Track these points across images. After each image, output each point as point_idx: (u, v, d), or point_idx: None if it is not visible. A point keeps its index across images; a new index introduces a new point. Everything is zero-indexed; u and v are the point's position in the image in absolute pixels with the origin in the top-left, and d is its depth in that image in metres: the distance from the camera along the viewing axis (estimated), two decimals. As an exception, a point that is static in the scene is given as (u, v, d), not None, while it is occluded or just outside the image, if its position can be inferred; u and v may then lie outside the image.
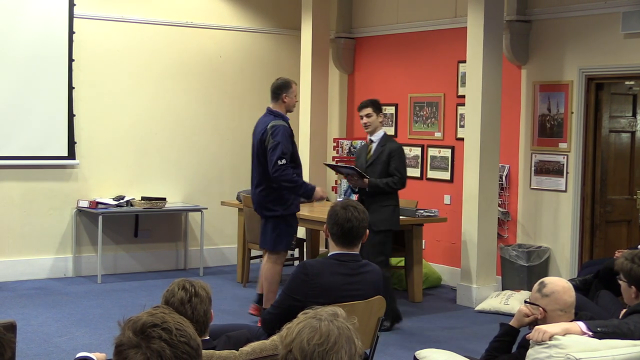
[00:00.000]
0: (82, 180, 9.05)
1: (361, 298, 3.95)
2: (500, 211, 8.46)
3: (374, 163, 6.97)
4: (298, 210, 6.93)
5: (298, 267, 3.96)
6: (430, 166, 9.33)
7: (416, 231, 8.19)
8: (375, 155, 6.98)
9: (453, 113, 9.08)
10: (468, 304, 8.03)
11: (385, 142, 7.02)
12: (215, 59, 9.92)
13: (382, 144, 7.01)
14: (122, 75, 9.27)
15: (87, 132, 9.03)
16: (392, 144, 7.04)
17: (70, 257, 9.00)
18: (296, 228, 7.04)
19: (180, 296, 3.20)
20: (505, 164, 8.55)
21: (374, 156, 6.98)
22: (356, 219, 3.90)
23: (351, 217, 3.90)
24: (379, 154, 6.98)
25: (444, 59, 9.17)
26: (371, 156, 6.99)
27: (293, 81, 7.05)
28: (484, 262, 8.09)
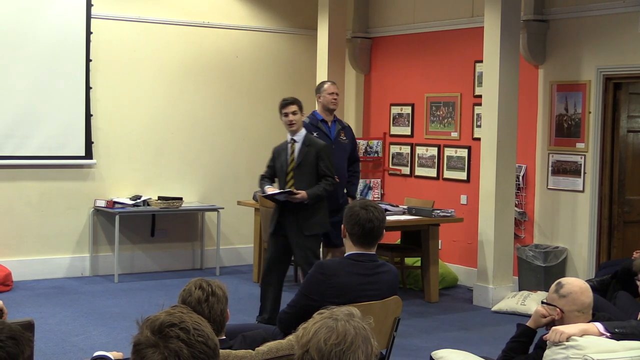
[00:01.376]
0: (99, 179, 9.09)
1: (377, 298, 3.95)
2: (517, 211, 8.43)
3: (301, 165, 6.59)
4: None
5: (315, 267, 3.96)
6: (446, 166, 9.31)
7: (432, 231, 8.18)
8: (301, 157, 6.60)
9: (470, 113, 9.06)
10: (484, 305, 8.01)
11: (309, 141, 6.67)
12: (231, 59, 9.93)
13: (306, 144, 6.65)
14: (139, 76, 9.30)
15: (104, 132, 9.07)
16: (317, 143, 6.70)
17: (87, 257, 9.04)
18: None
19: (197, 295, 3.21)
20: (522, 164, 8.52)
21: (299, 157, 6.62)
22: (377, 219, 3.90)
23: (372, 218, 3.89)
24: (305, 155, 6.60)
25: (460, 58, 9.14)
26: (295, 157, 6.63)
27: (326, 81, 7.30)
28: (501, 263, 8.07)
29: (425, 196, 9.21)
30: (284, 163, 6.67)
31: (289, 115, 6.60)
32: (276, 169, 6.75)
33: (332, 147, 7.13)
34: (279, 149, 6.78)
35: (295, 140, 6.68)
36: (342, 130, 7.39)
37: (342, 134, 7.37)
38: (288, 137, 6.71)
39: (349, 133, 7.48)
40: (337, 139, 7.32)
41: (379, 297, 3.96)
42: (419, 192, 9.50)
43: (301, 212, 6.54)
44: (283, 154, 6.71)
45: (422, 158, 9.60)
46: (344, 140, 7.35)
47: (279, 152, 6.76)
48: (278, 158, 6.73)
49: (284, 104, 6.65)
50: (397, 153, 9.94)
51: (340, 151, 7.29)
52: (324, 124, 7.33)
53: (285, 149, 6.71)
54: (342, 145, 7.33)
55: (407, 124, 9.81)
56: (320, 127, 7.32)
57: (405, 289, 8.63)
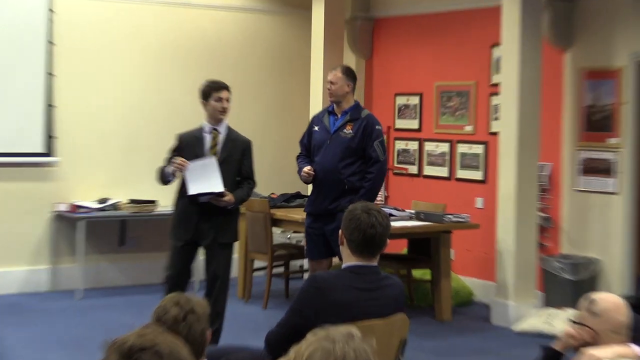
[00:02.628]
0: (60, 180, 9.07)
1: (381, 316, 3.94)
2: (541, 216, 8.44)
3: (226, 161, 6.47)
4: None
5: (308, 280, 3.95)
6: (459, 164, 9.31)
7: (444, 239, 8.17)
8: (225, 151, 6.51)
9: (486, 104, 9.07)
10: (504, 324, 8.01)
11: (234, 135, 6.61)
12: (215, 43, 9.92)
13: (231, 137, 6.58)
14: (109, 62, 9.29)
15: (67, 125, 9.04)
16: (243, 138, 6.64)
17: (46, 269, 9.02)
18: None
19: (174, 313, 3.20)
20: (546, 162, 8.53)
21: (223, 152, 6.52)
22: (380, 225, 3.88)
23: (375, 223, 3.87)
24: (230, 150, 6.53)
25: (475, 42, 9.15)
26: (219, 151, 6.51)
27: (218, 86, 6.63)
28: (523, 276, 8.06)
29: (435, 199, 9.21)
30: (197, 155, 6.42)
31: (223, 100, 6.48)
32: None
33: (327, 142, 7.10)
34: (188, 137, 6.53)
35: (219, 130, 6.55)
36: (351, 122, 7.09)
37: (348, 126, 7.10)
38: (206, 126, 6.54)
39: (362, 125, 7.08)
40: (337, 131, 7.15)
41: (383, 316, 3.94)
42: (428, 194, 9.50)
43: (220, 217, 6.48)
44: (197, 145, 6.48)
45: (432, 155, 9.60)
46: (347, 134, 7.07)
47: (190, 141, 6.50)
48: (188, 149, 6.47)
49: (219, 87, 6.50)
50: (403, 150, 9.93)
51: (334, 146, 7.09)
52: (330, 117, 7.21)
53: (200, 139, 6.50)
54: (340, 139, 7.08)
55: (414, 116, 9.82)
56: (324, 120, 7.22)
57: (413, 305, 8.63)
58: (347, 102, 7.15)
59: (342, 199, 7.06)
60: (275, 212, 8.44)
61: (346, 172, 7.06)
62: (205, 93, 6.51)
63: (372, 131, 7.09)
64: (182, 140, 6.54)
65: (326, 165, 7.07)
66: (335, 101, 7.16)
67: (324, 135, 7.15)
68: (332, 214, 7.06)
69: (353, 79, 7.17)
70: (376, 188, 7.14)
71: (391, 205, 8.99)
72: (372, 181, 7.05)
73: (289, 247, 8.90)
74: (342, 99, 7.11)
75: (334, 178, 7.04)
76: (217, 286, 6.53)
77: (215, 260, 6.49)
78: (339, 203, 7.05)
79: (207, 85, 6.55)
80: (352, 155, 7.06)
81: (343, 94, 7.10)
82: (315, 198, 7.17)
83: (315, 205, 7.16)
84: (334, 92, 7.12)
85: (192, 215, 6.43)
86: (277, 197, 9.00)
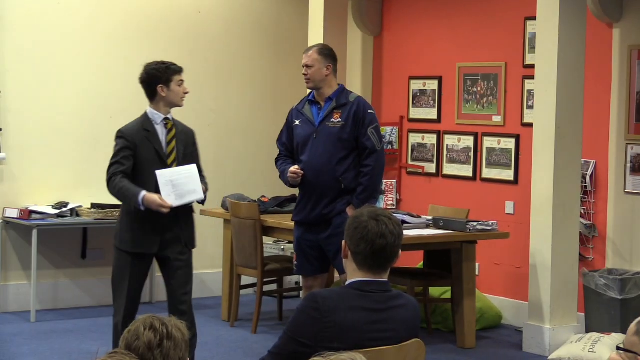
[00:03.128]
0: (9, 180, 9.08)
1: (392, 342, 3.94)
2: (583, 224, 8.46)
3: (187, 154, 6.60)
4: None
5: (306, 299, 3.94)
6: (486, 162, 9.33)
7: (467, 251, 8.19)
8: (182, 144, 6.59)
9: (518, 89, 9.08)
10: (539, 352, 8.03)
11: (180, 125, 6.67)
12: (192, 16, 9.94)
13: (180, 128, 6.65)
14: (64, 38, 9.29)
15: (15, 115, 9.06)
16: (188, 128, 6.71)
17: (-7, 286, 9.05)
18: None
19: (147, 339, 3.21)
20: (590, 159, 8.55)
21: (181, 146, 6.57)
22: (391, 234, 3.88)
23: (385, 232, 3.87)
24: (185, 141, 6.62)
25: (505, 15, 9.16)
26: (177, 145, 6.55)
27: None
28: (561, 294, 8.08)
29: (457, 203, 9.22)
30: (157, 152, 6.47)
31: (184, 84, 6.58)
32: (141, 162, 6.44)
33: (312, 136, 7.13)
34: (137, 132, 6.49)
35: (172, 119, 6.62)
36: (338, 110, 7.11)
37: (336, 114, 7.09)
38: (156, 116, 6.55)
39: (352, 110, 7.09)
40: (323, 122, 7.12)
41: (394, 341, 3.96)
42: (449, 197, 9.52)
43: (185, 221, 6.58)
44: (153, 140, 6.49)
45: (453, 151, 9.62)
46: (335, 123, 7.07)
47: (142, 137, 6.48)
48: (144, 146, 6.46)
49: (179, 69, 6.58)
50: (419, 144, 9.95)
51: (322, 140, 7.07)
52: (312, 107, 7.24)
53: (153, 133, 6.51)
54: (327, 130, 7.09)
55: (432, 104, 9.83)
56: (305, 112, 7.23)
57: (430, 329, 8.65)
58: (329, 87, 7.16)
59: (338, 201, 7.08)
60: (266, 219, 8.46)
61: (340, 169, 7.07)
62: (165, 77, 6.52)
63: (365, 116, 7.10)
64: (131, 137, 6.47)
65: (316, 163, 7.07)
66: (313, 87, 7.18)
67: (308, 129, 7.15)
68: (327, 220, 7.09)
69: (332, 59, 7.18)
70: (376, 183, 7.15)
71: (404, 211, 8.99)
72: (369, 176, 7.05)
73: (282, 261, 8.90)
74: (322, 84, 7.13)
75: (326, 178, 7.06)
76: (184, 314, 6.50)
77: (179, 272, 6.53)
78: (335, 206, 7.06)
79: (165, 67, 6.56)
80: (345, 149, 7.07)
81: (322, 78, 7.12)
82: (306, 204, 7.17)
83: (307, 212, 7.16)
84: (311, 76, 7.13)
85: (157, 223, 6.42)
86: (269, 201, 9.01)
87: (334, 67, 7.16)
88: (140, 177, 6.40)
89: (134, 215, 6.41)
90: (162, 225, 6.42)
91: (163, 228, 6.43)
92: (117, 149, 6.45)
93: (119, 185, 6.34)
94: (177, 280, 6.52)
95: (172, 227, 6.47)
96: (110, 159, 6.47)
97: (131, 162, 6.40)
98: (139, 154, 6.43)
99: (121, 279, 6.50)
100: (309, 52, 7.20)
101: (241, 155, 10.32)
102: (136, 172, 6.42)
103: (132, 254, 6.46)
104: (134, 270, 6.47)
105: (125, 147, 6.42)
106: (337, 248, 6.97)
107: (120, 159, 6.41)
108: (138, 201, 6.28)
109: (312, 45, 7.51)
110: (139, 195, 6.27)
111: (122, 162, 6.39)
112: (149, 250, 6.47)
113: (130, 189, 6.32)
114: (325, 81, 7.13)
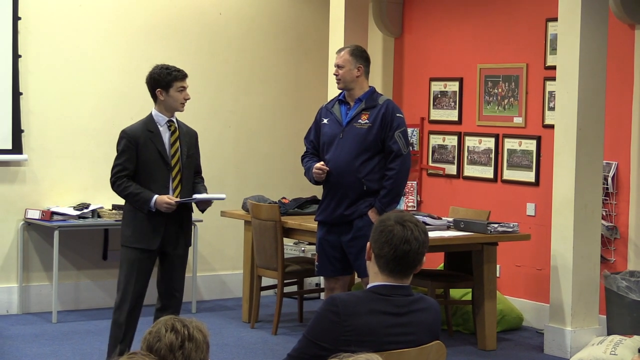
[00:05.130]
0: (31, 182, 9.11)
1: (413, 345, 3.94)
2: (604, 225, 8.43)
3: (190, 156, 6.81)
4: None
5: (325, 303, 3.93)
6: (507, 163, 9.31)
7: (488, 253, 8.18)
8: (186, 146, 6.77)
9: (540, 90, 9.06)
10: (560, 354, 8.01)
11: (184, 126, 6.84)
12: (213, 17, 9.95)
13: (184, 129, 6.82)
14: (86, 40, 9.31)
15: (37, 117, 9.09)
16: (192, 129, 6.91)
17: (15, 287, 9.06)
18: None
19: (168, 340, 3.22)
20: (611, 161, 8.52)
21: (184, 147, 6.74)
22: (416, 240, 3.87)
23: (410, 238, 3.86)
24: (188, 143, 6.80)
25: (526, 16, 9.14)
26: (180, 147, 6.72)
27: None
28: (582, 296, 8.06)
29: (477, 205, 9.21)
30: (160, 153, 6.65)
31: (185, 91, 6.70)
32: (144, 162, 6.64)
33: (339, 135, 7.16)
34: (141, 133, 6.65)
35: (176, 122, 6.79)
36: (367, 111, 7.14)
37: (364, 115, 7.13)
38: (160, 118, 6.71)
39: (380, 113, 7.10)
40: (351, 123, 7.16)
41: (415, 345, 3.95)
42: (470, 199, 9.50)
43: (186, 220, 6.79)
44: (157, 142, 6.66)
45: (474, 152, 9.61)
46: (362, 125, 7.10)
47: (146, 138, 6.64)
48: (147, 147, 6.63)
49: (183, 75, 6.69)
50: (440, 146, 9.95)
51: (348, 141, 7.12)
52: (342, 106, 7.27)
53: (157, 134, 6.68)
54: (354, 131, 7.12)
55: (453, 105, 9.82)
56: (334, 111, 7.27)
57: (451, 331, 8.64)
58: (360, 88, 7.18)
59: (360, 203, 7.09)
60: (287, 220, 8.46)
61: (364, 171, 7.08)
62: (165, 82, 6.64)
63: (393, 119, 7.11)
64: (134, 137, 6.64)
65: (339, 163, 7.09)
66: (344, 88, 7.20)
67: (335, 128, 7.17)
68: (349, 221, 7.10)
69: (364, 61, 7.19)
70: (400, 187, 7.16)
71: (425, 212, 8.99)
72: (393, 179, 7.06)
73: (302, 262, 8.90)
74: (353, 84, 7.15)
75: (349, 178, 7.08)
76: (177, 299, 6.80)
77: (178, 270, 6.77)
78: (357, 208, 7.07)
79: (166, 72, 6.67)
80: (370, 150, 7.09)
81: (352, 78, 7.14)
82: (328, 204, 7.20)
83: (329, 212, 7.19)
84: (341, 77, 7.16)
85: (160, 219, 6.61)
86: (289, 203, 9.02)
87: (366, 68, 7.18)
88: (142, 177, 6.63)
89: (136, 213, 6.64)
90: (163, 222, 6.61)
91: (164, 225, 6.63)
92: (120, 150, 6.67)
93: (128, 190, 6.60)
94: (177, 273, 6.75)
95: (173, 224, 6.67)
96: (114, 160, 6.70)
97: (134, 164, 6.62)
98: (141, 154, 6.63)
99: (126, 274, 6.69)
100: (341, 53, 7.22)
101: (262, 156, 10.32)
102: (139, 172, 6.63)
103: (136, 249, 6.63)
104: (140, 266, 6.66)
105: (127, 148, 6.63)
106: (358, 250, 7.00)
107: (123, 161, 6.63)
108: (150, 206, 6.53)
109: (344, 46, 7.52)
110: (151, 201, 6.53)
111: (125, 165, 6.62)
112: (151, 246, 6.63)
113: (141, 194, 6.56)
114: (356, 82, 7.15)
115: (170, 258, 6.72)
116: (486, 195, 9.41)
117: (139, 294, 6.69)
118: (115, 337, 6.69)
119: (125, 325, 6.68)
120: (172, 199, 6.53)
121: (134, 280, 6.64)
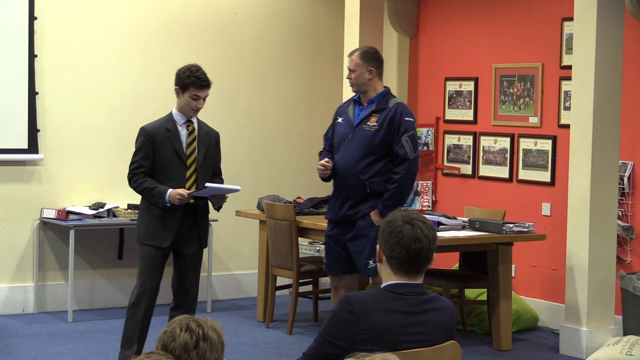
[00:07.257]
0: (47, 181, 9.13)
1: (427, 344, 3.94)
2: (620, 226, 8.41)
3: (208, 157, 6.87)
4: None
5: (340, 302, 3.94)
6: (522, 163, 9.30)
7: (503, 253, 8.16)
8: (203, 147, 6.83)
9: (555, 90, 9.05)
10: (576, 354, 8.00)
11: (205, 127, 6.90)
12: (228, 17, 9.96)
13: (204, 130, 6.87)
14: (101, 39, 9.33)
15: (54, 116, 9.11)
16: (214, 130, 6.97)
17: (31, 287, 9.09)
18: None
19: (183, 340, 3.22)
20: (627, 161, 8.50)
21: (202, 147, 6.81)
22: (426, 238, 3.88)
23: (420, 236, 3.87)
24: (206, 145, 6.86)
25: (542, 16, 9.12)
26: (197, 146, 6.79)
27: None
28: (598, 296, 8.04)
29: (493, 204, 9.20)
30: (176, 152, 6.73)
31: (200, 100, 6.74)
32: (161, 160, 6.72)
33: (348, 136, 7.17)
34: (159, 130, 6.73)
35: (193, 123, 6.85)
36: (377, 114, 7.13)
37: (373, 117, 7.13)
38: (179, 117, 6.77)
39: (388, 116, 7.10)
40: (360, 124, 7.16)
41: (430, 344, 3.95)
42: (485, 199, 9.49)
43: (202, 220, 6.85)
44: (174, 140, 6.73)
45: (489, 152, 9.60)
46: (370, 127, 7.10)
47: (164, 136, 6.72)
48: (164, 145, 6.71)
49: (202, 84, 6.72)
50: (455, 145, 9.93)
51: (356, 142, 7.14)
52: (356, 107, 7.28)
53: (175, 133, 6.75)
54: (362, 133, 7.13)
55: (468, 105, 9.81)
56: (348, 111, 7.29)
57: (466, 331, 8.63)
58: (373, 90, 7.19)
59: (363, 204, 7.12)
60: (301, 220, 8.46)
61: (367, 173, 7.10)
62: (183, 83, 6.71)
63: (400, 124, 7.09)
64: (151, 135, 6.72)
65: (345, 164, 7.13)
66: (357, 91, 7.23)
67: (347, 128, 7.18)
68: (352, 221, 7.13)
69: (375, 62, 7.17)
70: (404, 192, 7.16)
71: (440, 212, 8.98)
72: (398, 183, 7.05)
73: (317, 262, 8.89)
74: (365, 87, 7.16)
75: (353, 180, 7.11)
76: (190, 298, 6.87)
77: (192, 270, 6.81)
78: (359, 209, 7.10)
79: (188, 74, 6.72)
80: (376, 153, 7.10)
81: (364, 82, 7.15)
82: (335, 203, 7.28)
83: (335, 211, 7.26)
84: (354, 81, 7.18)
85: (173, 217, 6.67)
86: (304, 202, 9.02)
87: (378, 70, 7.16)
88: (159, 174, 6.70)
89: (150, 210, 6.71)
90: (176, 221, 6.67)
91: (177, 223, 6.68)
92: (137, 147, 6.76)
93: (143, 185, 6.67)
94: (190, 272, 6.81)
95: (187, 221, 6.72)
96: (132, 157, 6.78)
97: (151, 161, 6.69)
98: (158, 152, 6.70)
99: (141, 270, 6.80)
100: (352, 57, 7.23)
101: (276, 156, 10.32)
102: (155, 169, 6.70)
103: (150, 246, 6.72)
104: (153, 263, 6.75)
105: (144, 145, 6.71)
106: (359, 249, 7.07)
107: (139, 159, 6.72)
108: (165, 200, 6.57)
109: (355, 49, 7.49)
110: (165, 196, 6.57)
111: (142, 163, 6.71)
112: (162, 244, 6.68)
113: (156, 188, 6.62)
114: (369, 84, 7.16)
115: (183, 257, 6.77)
116: (501, 195, 9.40)
117: (152, 290, 6.76)
118: (126, 331, 6.78)
119: (135, 319, 6.78)
120: (185, 191, 6.58)
121: (147, 277, 6.74)
